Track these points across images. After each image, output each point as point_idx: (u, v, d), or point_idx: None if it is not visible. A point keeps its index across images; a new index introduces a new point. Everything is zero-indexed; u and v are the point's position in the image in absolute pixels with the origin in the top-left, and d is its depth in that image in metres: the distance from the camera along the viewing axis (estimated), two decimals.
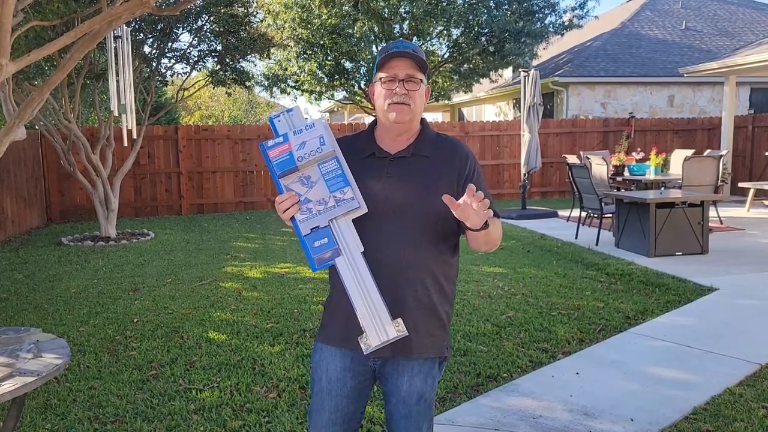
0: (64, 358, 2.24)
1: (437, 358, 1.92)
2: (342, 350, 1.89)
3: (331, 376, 1.91)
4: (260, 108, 31.97)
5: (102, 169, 9.09)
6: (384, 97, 1.84)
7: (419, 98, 1.86)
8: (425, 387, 1.89)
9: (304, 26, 14.28)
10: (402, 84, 1.83)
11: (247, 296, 5.67)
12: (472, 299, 5.40)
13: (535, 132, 10.59)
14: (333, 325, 1.92)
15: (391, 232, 1.80)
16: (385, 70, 1.85)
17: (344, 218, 1.76)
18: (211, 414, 3.31)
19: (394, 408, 1.90)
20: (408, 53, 1.82)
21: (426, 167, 1.86)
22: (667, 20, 19.13)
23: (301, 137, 1.78)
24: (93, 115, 14.68)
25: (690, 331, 4.49)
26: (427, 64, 1.89)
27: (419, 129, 1.93)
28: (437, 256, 1.86)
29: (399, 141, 1.89)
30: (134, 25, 8.95)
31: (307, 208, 1.76)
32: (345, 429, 1.94)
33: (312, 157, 1.77)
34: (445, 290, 1.90)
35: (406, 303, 1.81)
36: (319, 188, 1.76)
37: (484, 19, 14.38)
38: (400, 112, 1.83)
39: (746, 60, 10.80)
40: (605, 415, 3.21)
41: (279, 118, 1.83)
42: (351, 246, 1.75)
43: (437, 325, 1.88)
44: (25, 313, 5.24)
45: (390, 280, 1.79)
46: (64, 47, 4.06)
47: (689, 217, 6.91)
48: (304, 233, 1.76)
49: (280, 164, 1.77)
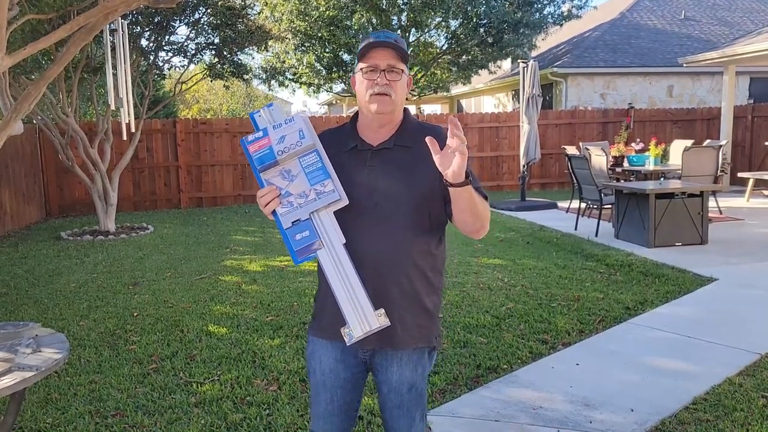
0: (63, 353, 2.23)
1: (426, 348, 1.93)
2: (333, 342, 1.91)
3: (325, 368, 1.93)
4: (259, 101, 31.89)
5: (100, 164, 9.07)
6: (366, 88, 1.83)
7: (401, 88, 1.85)
8: (415, 376, 1.91)
9: (302, 18, 14.23)
10: (383, 74, 1.82)
11: (247, 289, 5.67)
12: (472, 291, 5.40)
13: (534, 123, 10.57)
14: (323, 317, 1.93)
15: (375, 224, 1.80)
16: (366, 60, 1.83)
17: (325, 211, 1.76)
18: (212, 407, 3.31)
19: (386, 398, 1.93)
20: (389, 43, 1.81)
21: (408, 157, 1.86)
22: (666, 10, 19.06)
23: (280, 131, 1.78)
24: (91, 109, 14.64)
25: (689, 322, 4.49)
26: (408, 54, 1.87)
27: (401, 119, 1.92)
28: (422, 247, 1.86)
29: (381, 132, 1.89)
30: (131, 18, 8.91)
31: (288, 201, 1.76)
32: (342, 419, 1.97)
33: (292, 150, 1.77)
34: (431, 281, 1.90)
35: (391, 294, 1.81)
36: (299, 181, 1.77)
37: (483, 10, 14.33)
38: (381, 102, 1.82)
39: (746, 50, 10.76)
40: (605, 405, 3.22)
41: (260, 113, 1.84)
42: (333, 238, 1.76)
43: (424, 315, 1.88)
44: (24, 308, 5.24)
45: (375, 272, 1.79)
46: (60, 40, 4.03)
47: (689, 208, 6.90)
48: (285, 226, 1.76)
49: (260, 158, 1.77)
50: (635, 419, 3.06)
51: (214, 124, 12.21)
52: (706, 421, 3.02)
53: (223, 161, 12.03)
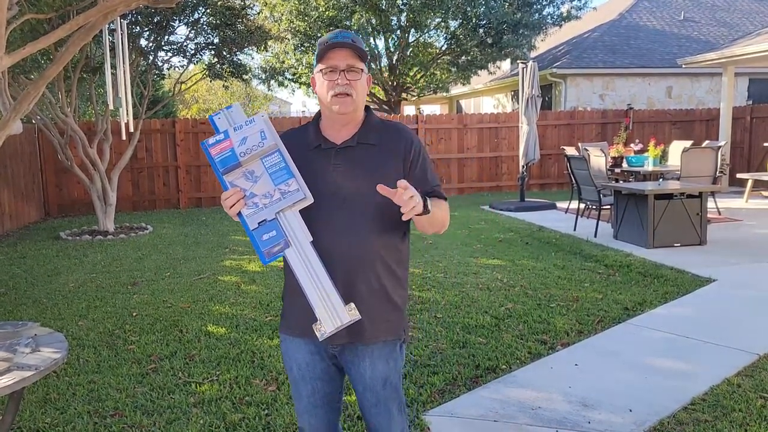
0: (62, 353, 2.23)
1: (396, 341, 1.96)
2: (304, 338, 1.94)
3: (301, 363, 1.97)
4: (258, 101, 31.89)
5: (99, 163, 9.06)
6: (326, 89, 1.86)
7: (361, 87, 1.88)
8: (388, 370, 1.94)
9: (302, 18, 14.23)
10: (343, 74, 1.84)
11: (246, 289, 5.67)
12: (471, 291, 5.40)
13: (533, 124, 10.57)
14: (291, 315, 1.96)
15: (342, 221, 1.83)
16: (325, 61, 1.85)
17: (291, 210, 1.77)
18: (211, 407, 3.31)
19: (362, 397, 1.97)
20: (347, 43, 1.83)
21: (372, 155, 1.88)
22: (665, 11, 19.08)
23: (241, 133, 1.79)
24: (90, 109, 14.63)
25: (688, 322, 4.49)
26: (367, 54, 1.90)
27: (363, 117, 1.95)
28: (387, 242, 1.89)
29: (344, 131, 1.91)
30: (130, 18, 8.90)
31: (253, 202, 1.77)
32: (326, 411, 2.01)
33: (254, 152, 1.78)
34: (397, 275, 1.93)
35: (358, 290, 1.84)
36: (263, 182, 1.77)
37: (482, 11, 14.34)
38: (342, 103, 1.84)
39: (745, 51, 10.77)
40: (604, 405, 3.22)
41: (219, 116, 1.84)
42: (299, 237, 1.77)
43: (391, 309, 1.92)
44: (23, 308, 5.24)
45: (342, 268, 1.82)
46: (59, 40, 4.03)
47: (687, 209, 6.91)
48: (251, 227, 1.77)
49: (222, 161, 1.77)
50: (634, 419, 3.06)
51: None
52: (705, 421, 3.02)
53: None
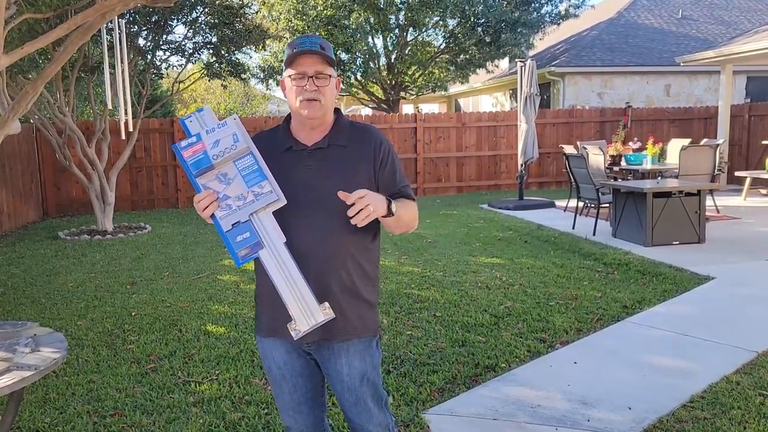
0: (61, 352, 2.23)
1: (371, 338, 1.99)
2: (278, 338, 1.96)
3: (279, 362, 1.99)
4: (256, 100, 31.84)
5: (98, 163, 9.05)
6: (295, 94, 1.88)
7: (329, 92, 1.91)
8: (365, 366, 1.96)
9: (300, 17, 14.21)
10: (312, 80, 1.86)
11: (245, 289, 5.67)
12: (470, 290, 5.41)
13: (531, 122, 10.57)
14: (263, 316, 1.99)
15: (313, 222, 1.85)
16: (294, 67, 1.88)
17: (264, 211, 1.79)
18: (210, 406, 3.31)
19: (341, 396, 1.99)
20: (315, 51, 1.86)
21: (343, 156, 1.92)
22: (663, 9, 19.08)
23: (214, 135, 1.80)
24: (88, 109, 14.60)
25: (687, 320, 4.50)
26: (335, 60, 1.95)
27: (333, 119, 1.98)
28: (358, 242, 1.92)
29: (314, 133, 1.94)
30: (128, 17, 8.89)
31: (227, 204, 1.78)
32: (311, 406, 2.04)
33: (227, 154, 1.79)
34: (368, 273, 1.97)
35: (331, 289, 1.87)
36: (236, 184, 1.79)
37: (480, 9, 14.33)
38: (311, 108, 1.87)
39: (743, 48, 10.78)
40: (603, 403, 3.23)
41: (191, 119, 1.85)
42: (273, 238, 1.78)
43: (364, 306, 1.95)
44: (22, 308, 5.23)
45: (314, 267, 1.84)
46: (57, 40, 4.03)
47: (686, 207, 6.91)
48: (225, 229, 1.78)
49: (195, 163, 1.78)
50: (633, 417, 3.07)
51: None
52: (704, 419, 3.03)
53: None
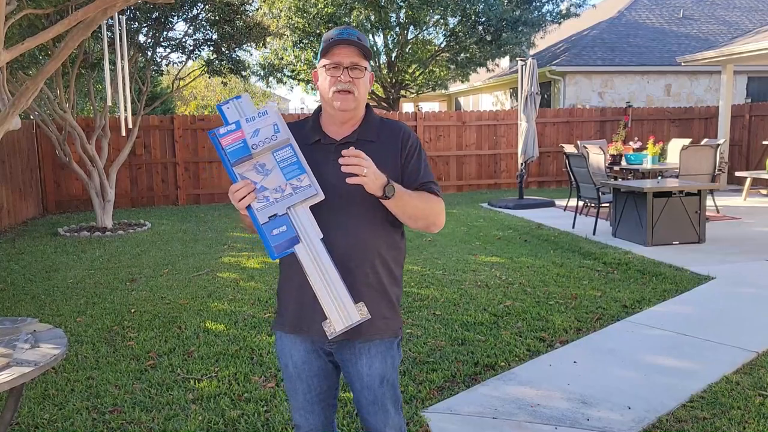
0: (61, 348, 2.23)
1: (393, 339, 1.96)
2: (300, 335, 1.94)
3: (297, 361, 1.96)
4: (257, 98, 31.81)
5: (98, 160, 9.04)
6: (329, 85, 1.85)
7: (363, 86, 1.87)
8: (385, 368, 1.94)
9: (300, 15, 14.20)
10: (346, 72, 1.83)
11: (245, 286, 5.67)
12: (470, 289, 5.40)
13: (532, 121, 10.57)
14: (286, 311, 1.96)
15: (340, 218, 1.82)
16: (329, 57, 1.85)
17: (302, 206, 1.75)
18: (210, 403, 3.31)
19: (359, 395, 1.96)
20: (352, 41, 1.82)
21: (371, 151, 1.86)
22: (664, 9, 19.08)
23: (254, 124, 1.76)
24: (88, 105, 14.59)
25: (687, 320, 4.50)
26: (371, 52, 1.90)
27: (363, 114, 1.94)
28: (386, 239, 1.90)
29: (344, 127, 1.91)
30: (129, 14, 8.87)
31: (264, 196, 1.73)
32: (323, 407, 2.01)
33: (266, 144, 1.74)
34: (394, 273, 1.94)
35: (357, 286, 1.84)
36: (274, 176, 1.74)
37: (481, 8, 14.32)
38: (344, 100, 1.84)
39: (744, 49, 10.77)
40: (603, 403, 3.22)
41: (228, 105, 1.81)
42: (310, 233, 1.74)
43: (388, 306, 1.92)
44: (22, 304, 5.23)
45: (341, 265, 1.80)
46: (58, 36, 4.02)
47: (686, 206, 6.91)
48: (261, 222, 1.74)
49: (233, 152, 1.74)
50: (632, 417, 3.07)
51: (212, 121, 12.18)
52: (703, 419, 3.03)
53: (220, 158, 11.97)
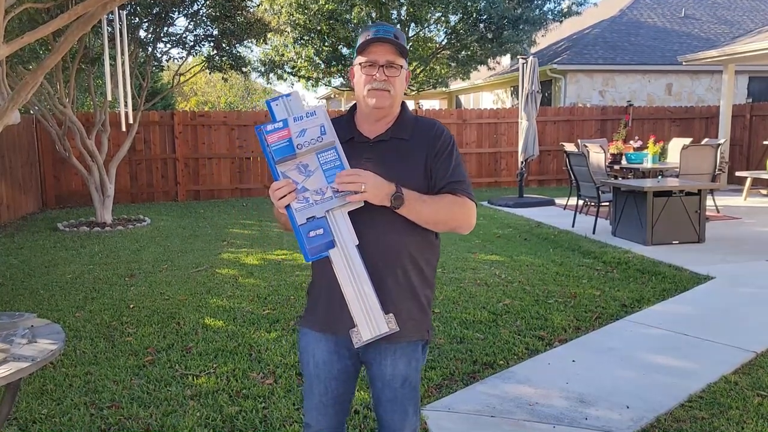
0: (58, 344, 2.22)
1: (419, 342, 1.93)
2: (326, 334, 1.92)
3: (318, 360, 1.94)
4: (257, 94, 31.79)
5: (98, 155, 9.03)
6: (364, 83, 1.83)
7: (399, 84, 1.85)
8: (409, 370, 1.91)
9: (301, 11, 14.18)
10: (382, 70, 1.81)
11: (244, 283, 5.66)
12: (469, 287, 5.40)
13: (532, 120, 10.56)
14: (316, 310, 1.94)
15: (371, 216, 1.79)
16: (365, 54, 1.83)
17: (340, 210, 1.73)
18: (208, 400, 3.31)
19: (379, 392, 1.94)
20: (389, 39, 1.81)
21: (404, 150, 1.86)
22: (666, 8, 19.05)
23: (301, 124, 1.74)
24: (88, 100, 14.57)
25: (686, 319, 4.50)
26: (407, 50, 1.88)
27: (398, 113, 1.92)
28: (418, 239, 1.87)
29: (378, 125, 1.89)
30: (129, 9, 8.85)
31: (304, 197, 1.72)
32: (336, 411, 1.99)
33: (312, 145, 1.73)
34: (425, 274, 1.91)
35: (386, 287, 1.81)
36: (316, 178, 1.73)
37: (483, 6, 14.29)
38: (380, 98, 1.82)
39: (745, 48, 10.76)
40: (601, 402, 3.22)
41: (277, 102, 1.79)
42: (346, 239, 1.73)
43: (418, 308, 1.89)
44: (20, 299, 5.22)
45: (371, 264, 1.79)
46: (58, 30, 4.00)
47: (686, 206, 6.90)
48: (299, 223, 1.72)
49: (278, 150, 1.72)
50: (631, 416, 3.06)
51: (212, 117, 12.18)
52: (702, 418, 3.03)
53: (220, 154, 11.99)
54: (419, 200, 1.79)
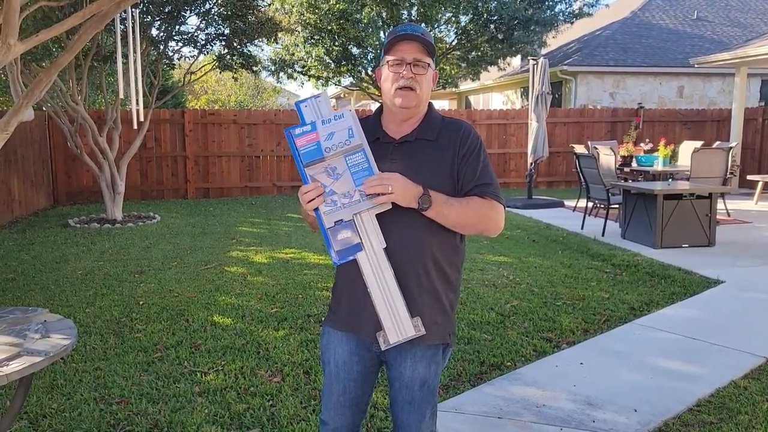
0: (71, 339, 2.24)
1: (440, 345, 1.92)
2: (348, 334, 1.92)
3: (339, 360, 1.94)
4: (267, 93, 31.87)
5: (109, 152, 9.09)
6: (391, 81, 1.83)
7: (426, 83, 1.85)
8: (428, 373, 1.90)
9: (312, 11, 14.19)
10: (409, 68, 1.81)
11: (252, 281, 5.69)
12: (477, 288, 5.40)
13: (542, 121, 10.53)
14: (338, 310, 1.94)
15: (395, 217, 1.78)
16: (393, 53, 1.83)
17: (368, 213, 1.73)
18: (216, 397, 3.33)
19: (397, 393, 1.92)
20: (416, 36, 1.80)
21: (430, 150, 1.85)
22: (678, 10, 18.93)
23: (329, 127, 1.75)
24: (100, 98, 14.66)
25: (695, 324, 4.47)
26: (435, 49, 1.87)
27: (425, 113, 1.91)
28: (443, 240, 1.85)
29: (404, 126, 1.89)
30: (142, 7, 8.90)
31: (332, 200, 1.73)
32: (353, 411, 1.99)
33: (340, 149, 1.74)
34: (449, 277, 1.89)
35: (408, 288, 1.80)
36: (344, 181, 1.73)
37: (494, 6, 14.25)
38: (406, 97, 1.81)
39: (758, 51, 10.68)
40: (609, 405, 3.21)
41: (306, 103, 1.80)
42: (374, 242, 1.73)
43: (440, 311, 1.87)
44: (31, 294, 5.27)
45: (393, 265, 1.78)
46: (71, 28, 4.04)
47: (697, 209, 6.87)
48: (327, 226, 1.73)
49: (307, 154, 1.73)
50: (638, 420, 3.06)
51: (222, 115, 12.23)
52: (710, 423, 3.01)
53: (230, 152, 12.04)
54: (446, 203, 1.78)
